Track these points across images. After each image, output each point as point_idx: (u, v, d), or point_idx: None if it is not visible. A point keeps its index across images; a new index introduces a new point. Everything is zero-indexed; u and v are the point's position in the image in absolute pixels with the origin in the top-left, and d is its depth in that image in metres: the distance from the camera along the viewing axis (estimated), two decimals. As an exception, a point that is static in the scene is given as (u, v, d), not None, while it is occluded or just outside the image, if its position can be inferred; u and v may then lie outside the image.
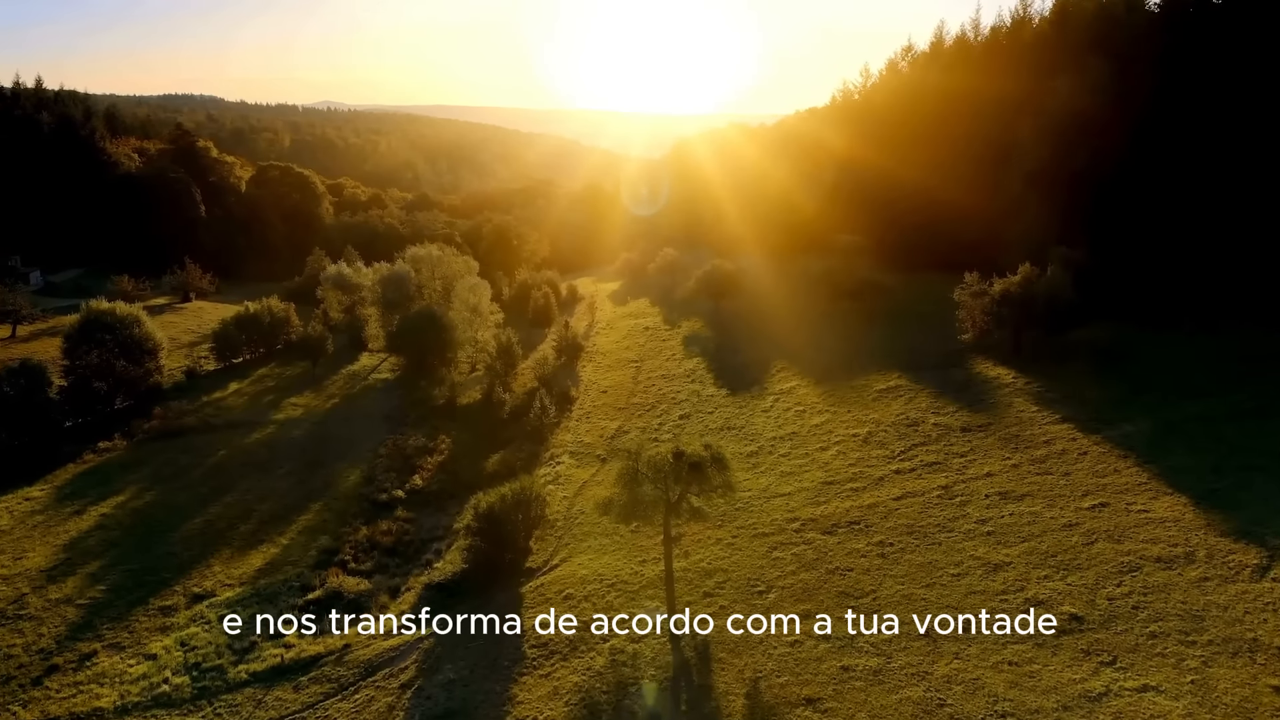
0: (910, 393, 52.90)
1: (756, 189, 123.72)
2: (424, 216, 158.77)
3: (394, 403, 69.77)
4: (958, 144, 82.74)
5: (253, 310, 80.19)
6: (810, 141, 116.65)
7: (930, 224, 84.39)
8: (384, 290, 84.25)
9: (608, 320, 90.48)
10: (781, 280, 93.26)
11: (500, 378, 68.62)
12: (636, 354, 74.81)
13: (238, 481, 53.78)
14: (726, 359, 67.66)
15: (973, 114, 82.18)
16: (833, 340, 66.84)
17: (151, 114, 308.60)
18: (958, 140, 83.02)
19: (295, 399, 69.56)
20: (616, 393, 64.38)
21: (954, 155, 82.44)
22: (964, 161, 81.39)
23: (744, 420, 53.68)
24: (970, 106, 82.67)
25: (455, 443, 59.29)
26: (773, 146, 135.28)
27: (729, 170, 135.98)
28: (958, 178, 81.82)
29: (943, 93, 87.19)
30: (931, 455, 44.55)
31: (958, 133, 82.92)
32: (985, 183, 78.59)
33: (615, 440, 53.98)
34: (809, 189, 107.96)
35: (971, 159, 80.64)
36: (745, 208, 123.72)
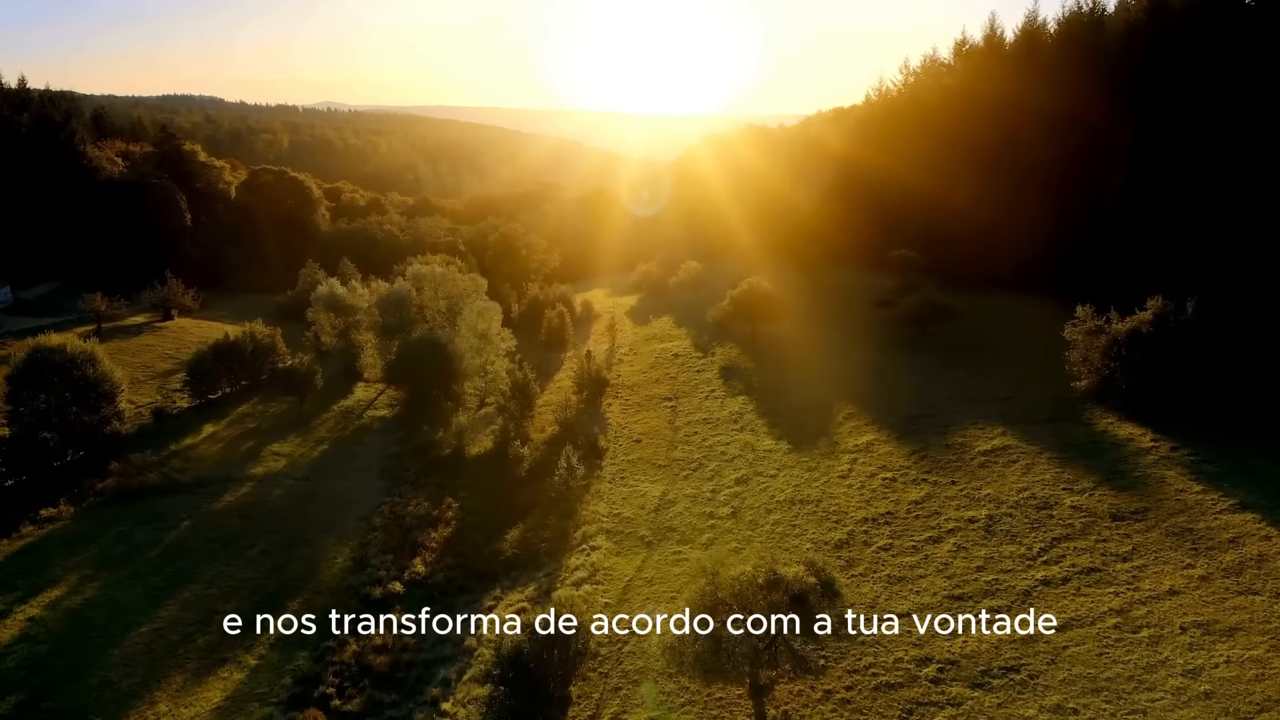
0: (1024, 457, 41.98)
1: (779, 196, 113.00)
2: (425, 223, 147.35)
3: (392, 449, 58.73)
4: (1023, 154, 71.62)
5: (233, 337, 68.97)
6: (839, 147, 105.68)
7: (985, 238, 73.64)
8: (382, 313, 73.14)
9: (630, 343, 79.42)
10: (818, 299, 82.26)
11: (515, 420, 57.67)
12: (669, 388, 63.80)
13: (201, 567, 42.66)
14: (777, 399, 56.67)
15: (1041, 123, 70.96)
16: (903, 378, 55.91)
17: (148, 115, 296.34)
18: (1022, 150, 71.89)
19: (278, 445, 58.45)
20: (653, 442, 53.39)
21: (1019, 166, 71.41)
22: (1031, 175, 70.42)
23: (819, 490, 42.71)
24: (1040, 115, 71.42)
25: (463, 508, 48.27)
26: (794, 150, 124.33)
27: (747, 176, 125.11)
28: (1022, 191, 70.99)
29: (1004, 96, 75.78)
30: (1083, 556, 33.65)
31: (1023, 141, 71.75)
32: (1056, 199, 67.81)
33: (660, 514, 43.01)
34: (840, 198, 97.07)
35: (1040, 172, 69.66)
36: (767, 216, 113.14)
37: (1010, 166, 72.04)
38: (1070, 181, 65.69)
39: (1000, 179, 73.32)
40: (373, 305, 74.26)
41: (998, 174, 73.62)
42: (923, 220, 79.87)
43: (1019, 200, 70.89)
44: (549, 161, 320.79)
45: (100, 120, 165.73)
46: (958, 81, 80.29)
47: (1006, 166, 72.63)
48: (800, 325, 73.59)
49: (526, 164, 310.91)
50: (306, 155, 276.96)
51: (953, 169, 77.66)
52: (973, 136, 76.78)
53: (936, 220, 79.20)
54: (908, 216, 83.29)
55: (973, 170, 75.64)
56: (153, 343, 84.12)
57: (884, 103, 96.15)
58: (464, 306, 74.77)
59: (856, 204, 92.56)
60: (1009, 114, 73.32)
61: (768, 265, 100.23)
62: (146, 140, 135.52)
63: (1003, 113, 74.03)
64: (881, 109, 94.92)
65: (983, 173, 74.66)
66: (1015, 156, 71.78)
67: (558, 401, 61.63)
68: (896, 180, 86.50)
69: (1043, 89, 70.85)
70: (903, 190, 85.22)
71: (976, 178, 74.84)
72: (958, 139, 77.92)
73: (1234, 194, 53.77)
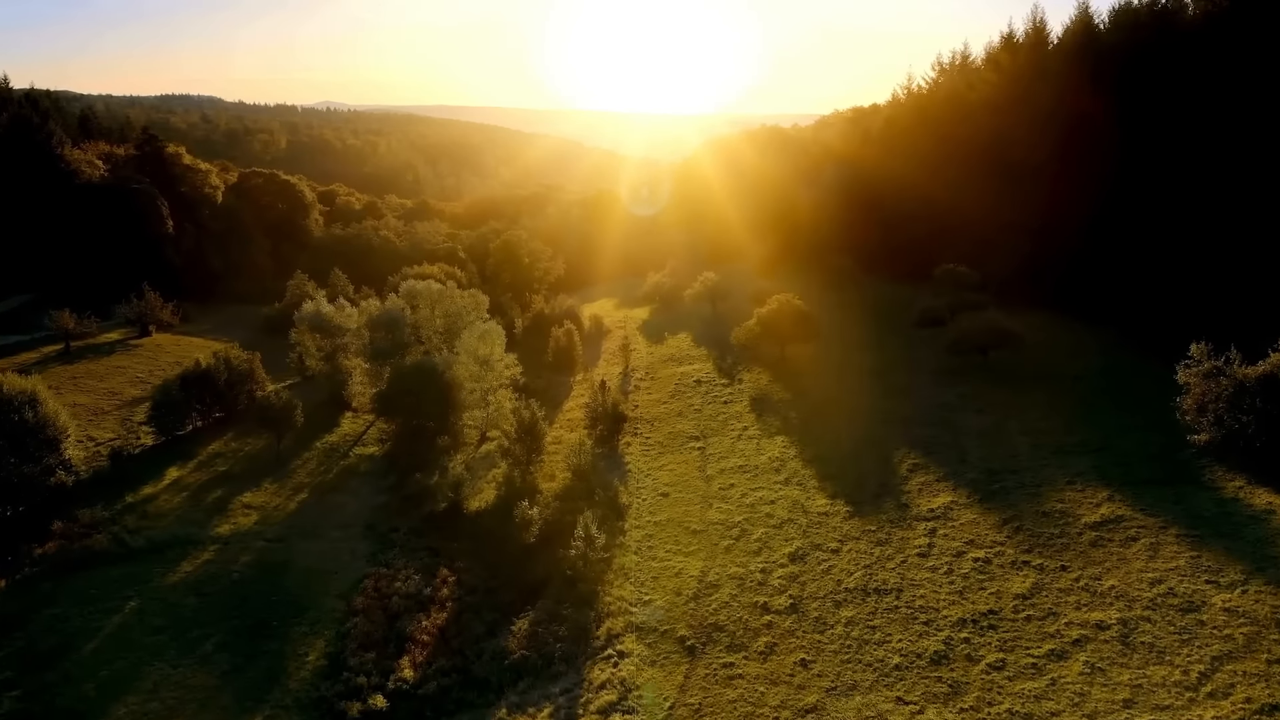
0: (1145, 533, 33.75)
1: (796, 201, 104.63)
2: (424, 227, 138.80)
3: (380, 499, 50.36)
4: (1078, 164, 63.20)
5: (205, 364, 60.56)
6: (863, 149, 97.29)
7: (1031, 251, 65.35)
8: (372, 335, 64.94)
9: (645, 365, 71.10)
10: (851, 315, 73.97)
11: (521, 466, 49.37)
12: (694, 423, 55.50)
13: (144, 669, 34.30)
14: (823, 441, 48.35)
15: (1097, 130, 62.52)
16: (969, 417, 47.63)
17: (143, 116, 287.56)
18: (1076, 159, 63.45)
19: (250, 495, 50.09)
20: (683, 496, 45.07)
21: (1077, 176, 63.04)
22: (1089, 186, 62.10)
23: (896, 574, 34.44)
24: (1093, 121, 62.98)
25: (461, 584, 39.97)
26: (812, 152, 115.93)
27: (761, 179, 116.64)
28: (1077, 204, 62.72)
29: (1049, 100, 67.02)
30: (1258, 685, 25.45)
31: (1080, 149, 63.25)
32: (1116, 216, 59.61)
33: (702, 603, 34.74)
34: (866, 203, 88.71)
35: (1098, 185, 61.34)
36: (784, 222, 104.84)
37: (1065, 176, 63.63)
38: (1141, 201, 57.31)
39: (1049, 188, 65.03)
40: (362, 326, 66.06)
41: (1047, 183, 65.29)
42: (965, 230, 71.51)
43: (1071, 213, 62.63)
44: (549, 161, 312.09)
45: (87, 121, 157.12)
46: (1006, 80, 71.67)
47: (1060, 176, 64.24)
48: (835, 347, 65.36)
49: (527, 164, 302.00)
50: (304, 156, 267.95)
51: (996, 176, 69.30)
52: (1017, 140, 68.28)
53: (978, 230, 70.89)
54: (948, 226, 74.97)
55: (1020, 179, 67.30)
56: (124, 364, 75.77)
57: (914, 102, 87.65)
58: (464, 327, 66.70)
59: (886, 210, 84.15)
60: (1057, 119, 64.77)
61: (787, 275, 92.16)
62: (129, 142, 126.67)
63: (1048, 119, 65.44)
64: (912, 109, 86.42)
65: (1031, 182, 66.28)
66: (1068, 166, 63.36)
67: (569, 441, 53.36)
68: (931, 185, 78.20)
69: (1100, 93, 62.52)
70: (939, 196, 76.91)
71: (1025, 186, 66.47)
72: (1002, 144, 69.38)
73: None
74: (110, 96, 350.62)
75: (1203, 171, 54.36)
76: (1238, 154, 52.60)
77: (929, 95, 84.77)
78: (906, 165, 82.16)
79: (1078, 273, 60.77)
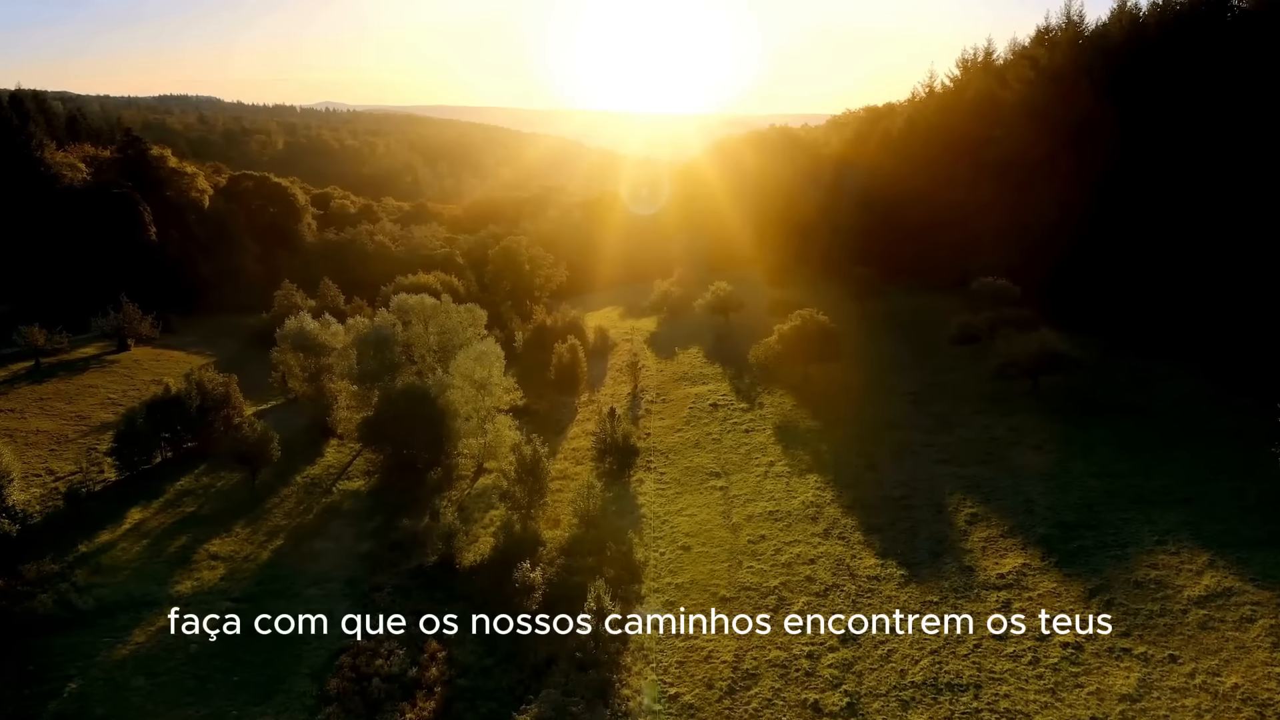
0: (1261, 611, 27.90)
1: (810, 205, 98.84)
2: (421, 232, 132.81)
3: (364, 546, 44.35)
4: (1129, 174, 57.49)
5: (174, 391, 54.62)
6: (881, 150, 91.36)
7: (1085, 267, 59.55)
8: (360, 355, 58.95)
9: (656, 385, 65.27)
10: (876, 330, 68.24)
11: (523, 512, 43.46)
12: (713, 456, 49.59)
13: (71, 778, 28.65)
14: (862, 482, 42.45)
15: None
16: (1028, 455, 41.78)
17: (139, 117, 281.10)
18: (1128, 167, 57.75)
19: (218, 543, 44.15)
20: (707, 552, 39.11)
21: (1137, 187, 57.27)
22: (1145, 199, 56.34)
23: (970, 666, 28.55)
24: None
25: (453, 660, 34.06)
26: (825, 153, 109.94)
27: (771, 182, 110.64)
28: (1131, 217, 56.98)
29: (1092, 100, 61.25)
30: None
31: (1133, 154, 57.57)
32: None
33: (738, 700, 28.88)
34: (887, 208, 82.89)
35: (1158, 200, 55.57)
36: (797, 228, 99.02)
37: (1112, 183, 57.81)
38: (1223, 214, 51.40)
39: (1090, 195, 59.26)
40: (350, 345, 60.09)
41: (1086, 189, 59.52)
42: (1000, 239, 65.61)
43: (1128, 227, 56.81)
44: (550, 161, 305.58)
45: (75, 123, 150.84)
46: (1043, 79, 65.66)
47: (1104, 182, 58.43)
48: (863, 366, 59.54)
49: (527, 164, 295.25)
50: (302, 157, 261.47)
51: (1037, 181, 63.46)
52: (1060, 144, 62.38)
53: (1014, 239, 64.99)
54: (978, 234, 69.12)
55: (1060, 183, 61.50)
56: (97, 382, 70.02)
57: (939, 101, 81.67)
58: (460, 345, 60.93)
59: (910, 216, 78.34)
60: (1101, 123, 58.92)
61: (801, 284, 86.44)
62: (113, 144, 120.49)
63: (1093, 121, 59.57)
64: (937, 108, 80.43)
65: (1073, 188, 60.46)
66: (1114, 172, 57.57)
67: (575, 476, 47.64)
68: (959, 190, 72.40)
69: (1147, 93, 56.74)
70: (968, 201, 71.12)
71: (1067, 193, 60.63)
72: (1043, 148, 63.42)
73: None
74: (106, 97, 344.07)
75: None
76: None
77: (955, 94, 78.76)
78: (931, 168, 76.41)
79: (1138, 292, 54.68)
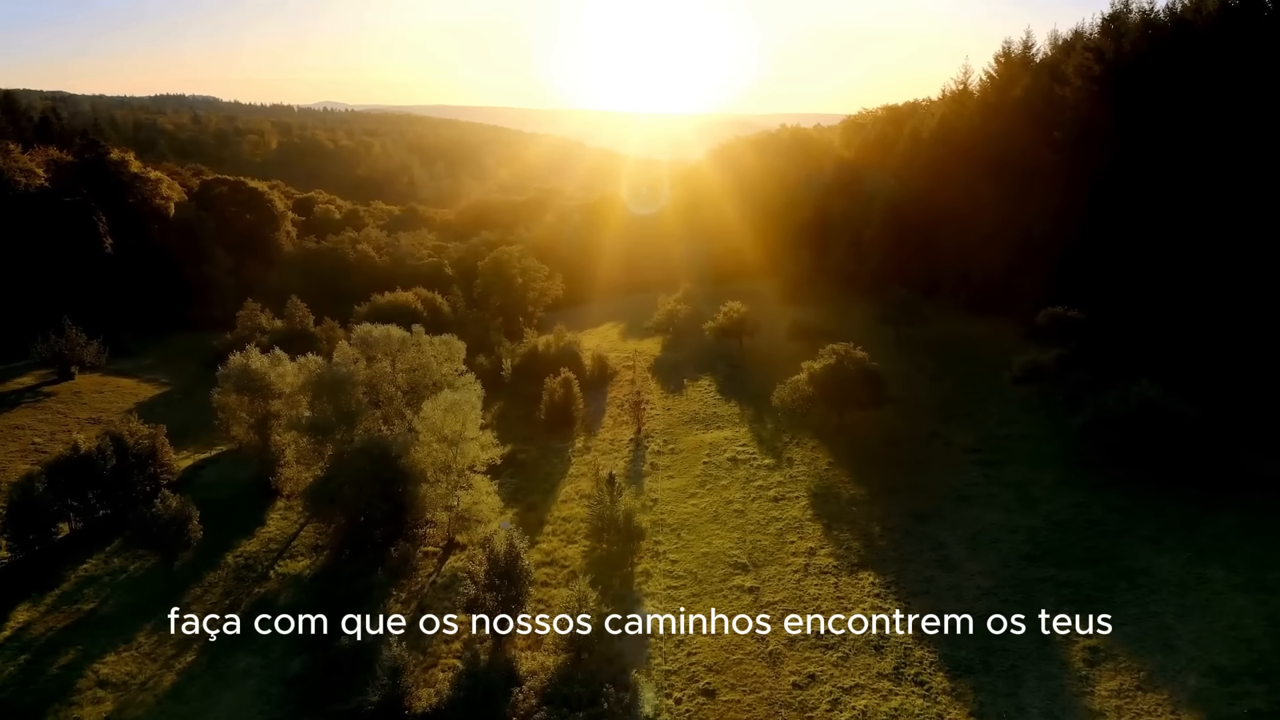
0: None
1: (831, 214, 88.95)
2: (409, 239, 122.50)
3: (296, 665, 33.96)
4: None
5: (84, 449, 44.30)
6: (910, 156, 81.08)
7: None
8: (313, 400, 48.71)
9: (664, 428, 55.05)
10: (918, 362, 58.05)
11: (494, 634, 33.13)
12: (737, 538, 39.24)
13: None
14: (937, 592, 32.16)
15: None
16: (1145, 551, 31.58)
17: (130, 117, 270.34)
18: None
19: (111, 662, 33.86)
20: (738, 704, 28.65)
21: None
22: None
23: None
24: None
25: None
26: (846, 156, 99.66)
27: (781, 186, 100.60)
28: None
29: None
30: None
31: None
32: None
33: None
34: (921, 217, 72.70)
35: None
36: (816, 239, 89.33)
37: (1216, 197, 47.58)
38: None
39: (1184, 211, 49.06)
40: (300, 389, 49.80)
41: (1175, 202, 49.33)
42: (1066, 259, 55.28)
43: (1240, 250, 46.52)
44: (549, 162, 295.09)
45: (48, 124, 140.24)
46: (1111, 73, 55.33)
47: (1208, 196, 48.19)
48: (910, 412, 49.37)
49: (527, 165, 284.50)
50: (295, 158, 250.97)
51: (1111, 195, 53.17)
52: (1141, 150, 52.14)
53: (1079, 262, 54.75)
54: (1031, 253, 58.85)
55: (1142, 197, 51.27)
56: (25, 422, 60.13)
57: (979, 100, 71.25)
58: (432, 383, 51.01)
59: (947, 229, 68.09)
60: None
61: (820, 302, 76.48)
62: (70, 148, 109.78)
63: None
64: (979, 108, 69.95)
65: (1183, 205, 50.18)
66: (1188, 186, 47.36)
67: (564, 563, 37.49)
68: (1008, 201, 62.16)
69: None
70: (1018, 214, 60.88)
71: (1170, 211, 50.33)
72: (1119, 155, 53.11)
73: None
74: (100, 97, 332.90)
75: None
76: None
77: (998, 93, 68.25)
78: (973, 174, 66.07)
79: (1247, 334, 44.05)
